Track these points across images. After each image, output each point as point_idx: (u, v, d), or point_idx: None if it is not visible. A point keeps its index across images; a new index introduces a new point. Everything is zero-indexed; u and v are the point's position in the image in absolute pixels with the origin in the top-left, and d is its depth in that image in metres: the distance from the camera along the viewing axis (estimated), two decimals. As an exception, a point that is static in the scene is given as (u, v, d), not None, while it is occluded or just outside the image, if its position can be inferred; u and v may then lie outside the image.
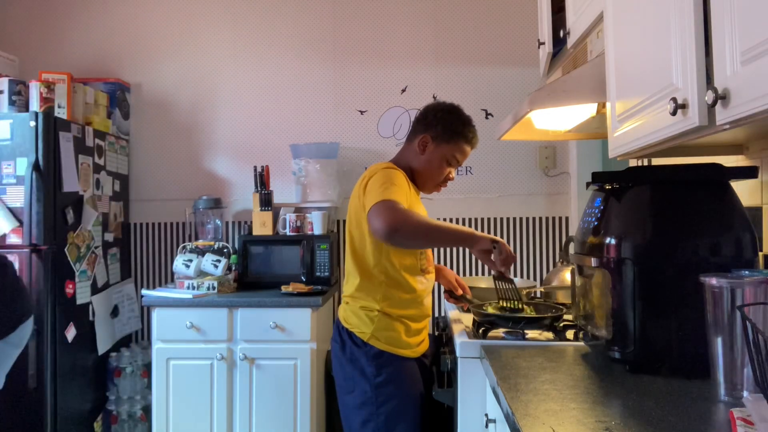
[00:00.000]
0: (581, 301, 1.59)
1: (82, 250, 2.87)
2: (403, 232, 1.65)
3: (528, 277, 3.27)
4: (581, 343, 1.64)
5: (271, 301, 2.76)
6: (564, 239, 3.20)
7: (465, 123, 1.95)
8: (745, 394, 1.09)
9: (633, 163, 2.10)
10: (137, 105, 3.44)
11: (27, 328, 1.93)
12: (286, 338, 2.74)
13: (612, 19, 1.49)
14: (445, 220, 3.32)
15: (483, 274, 3.29)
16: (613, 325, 1.39)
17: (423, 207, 1.99)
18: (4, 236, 2.63)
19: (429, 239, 1.79)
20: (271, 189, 3.16)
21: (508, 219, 3.30)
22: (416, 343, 1.92)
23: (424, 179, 1.97)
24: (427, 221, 1.74)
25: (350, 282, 1.92)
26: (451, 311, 2.24)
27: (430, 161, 1.94)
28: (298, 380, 2.74)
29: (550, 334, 1.78)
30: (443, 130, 1.92)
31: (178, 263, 2.97)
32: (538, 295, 2.39)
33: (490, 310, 1.92)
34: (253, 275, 3.06)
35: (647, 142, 1.28)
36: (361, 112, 3.36)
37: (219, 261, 2.98)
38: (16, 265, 2.61)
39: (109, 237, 3.14)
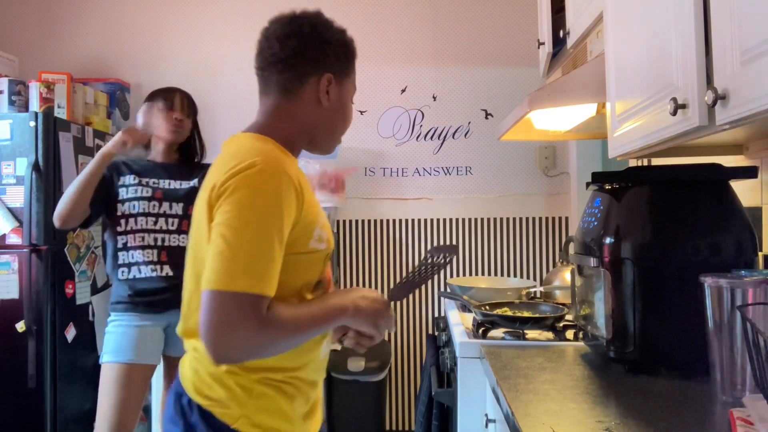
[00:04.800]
0: (581, 301, 1.59)
1: (82, 250, 2.87)
2: (243, 360, 1.04)
3: (528, 277, 3.27)
4: (581, 343, 1.64)
5: (271, 301, 2.75)
6: (564, 239, 3.20)
7: (344, 34, 1.26)
8: (746, 394, 1.09)
9: (633, 163, 2.10)
10: (137, 105, 3.42)
11: None
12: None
13: (612, 19, 1.49)
14: (444, 220, 3.32)
15: (483, 274, 3.29)
16: (613, 325, 1.39)
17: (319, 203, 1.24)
18: (4, 236, 2.63)
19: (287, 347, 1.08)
20: (271, 189, 3.15)
21: (508, 219, 3.30)
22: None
23: (333, 134, 1.26)
24: (293, 335, 1.04)
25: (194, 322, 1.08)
26: (451, 311, 2.24)
27: (339, 107, 1.23)
28: (298, 380, 2.73)
29: (550, 335, 1.78)
30: (334, 57, 1.21)
31: (178, 263, 2.97)
32: (538, 295, 2.39)
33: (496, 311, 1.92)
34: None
35: (647, 143, 1.28)
36: (361, 112, 3.36)
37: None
38: (16, 266, 2.61)
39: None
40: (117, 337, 2.13)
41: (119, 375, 2.09)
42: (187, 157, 2.32)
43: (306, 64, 1.18)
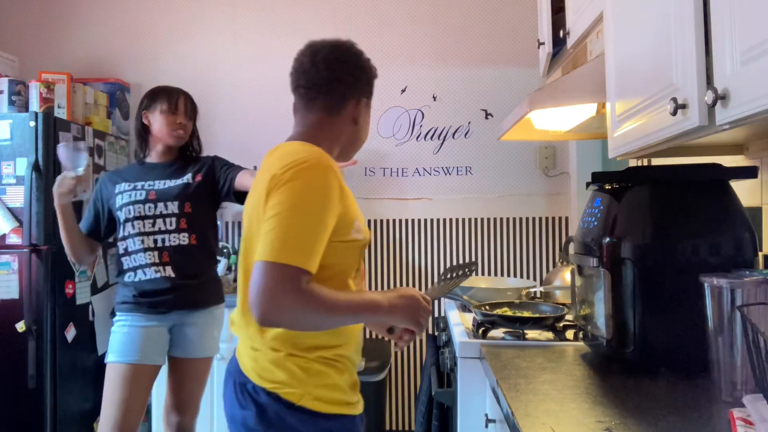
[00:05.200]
0: (581, 301, 1.59)
1: (82, 250, 2.86)
2: (282, 324, 1.16)
3: (528, 277, 3.27)
4: (581, 343, 1.64)
5: (271, 301, 2.75)
6: (564, 239, 3.20)
7: (370, 62, 1.45)
8: (746, 394, 1.09)
9: (633, 163, 2.10)
10: (137, 105, 3.43)
11: None
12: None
13: (612, 19, 1.49)
14: (444, 220, 3.32)
15: (483, 273, 3.29)
16: (613, 325, 1.39)
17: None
18: (4, 236, 2.63)
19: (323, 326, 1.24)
20: (271, 189, 3.15)
21: (507, 219, 3.30)
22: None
23: (355, 148, 1.46)
24: (327, 312, 1.16)
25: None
26: (451, 311, 2.24)
27: (364, 126, 1.45)
28: (298, 380, 2.73)
29: (550, 335, 1.78)
30: (365, 83, 1.42)
31: (178, 263, 2.97)
32: (538, 295, 2.39)
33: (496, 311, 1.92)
34: (253, 275, 3.05)
35: (647, 142, 1.28)
36: (361, 112, 3.35)
37: (219, 261, 2.97)
38: (16, 266, 2.61)
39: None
40: (122, 337, 2.14)
41: (124, 375, 2.09)
42: (185, 156, 2.31)
43: (348, 88, 1.38)
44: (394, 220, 3.35)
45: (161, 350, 2.20)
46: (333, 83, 1.36)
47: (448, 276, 1.56)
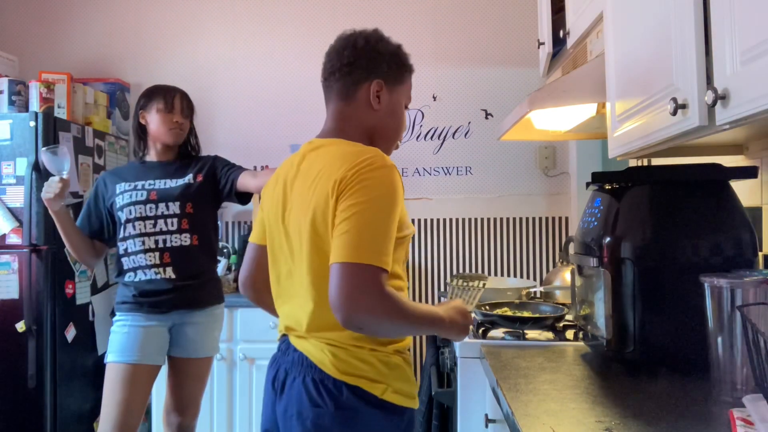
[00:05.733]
0: (581, 301, 1.59)
1: (82, 250, 2.86)
2: (364, 324, 1.14)
3: (528, 277, 3.27)
4: (581, 343, 1.64)
5: (271, 301, 2.75)
6: (564, 239, 3.20)
7: (399, 48, 1.42)
8: (746, 394, 1.09)
9: (633, 163, 2.10)
10: (137, 105, 3.43)
11: None
12: (286, 338, 2.73)
13: (612, 20, 1.49)
14: (444, 220, 3.32)
15: (483, 273, 3.29)
16: (613, 325, 1.39)
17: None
18: (4, 236, 2.63)
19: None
20: (271, 189, 3.15)
21: (508, 219, 3.30)
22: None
23: (388, 139, 1.41)
24: (405, 320, 1.17)
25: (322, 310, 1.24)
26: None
27: (392, 113, 1.39)
28: (298, 380, 2.73)
29: (550, 335, 1.78)
30: (389, 67, 1.38)
31: (178, 263, 2.97)
32: (538, 295, 2.39)
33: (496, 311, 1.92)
34: (253, 275, 3.05)
35: (647, 143, 1.28)
36: (361, 112, 3.35)
37: (219, 261, 2.97)
38: (16, 266, 2.61)
39: (109, 237, 3.14)
40: (122, 337, 2.14)
41: (124, 375, 2.09)
42: (184, 155, 2.31)
43: (359, 71, 1.35)
44: (394, 220, 3.34)
45: (161, 350, 2.19)
46: (344, 68, 1.35)
47: (461, 284, 1.59)
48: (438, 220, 3.33)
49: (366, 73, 1.35)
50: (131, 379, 2.09)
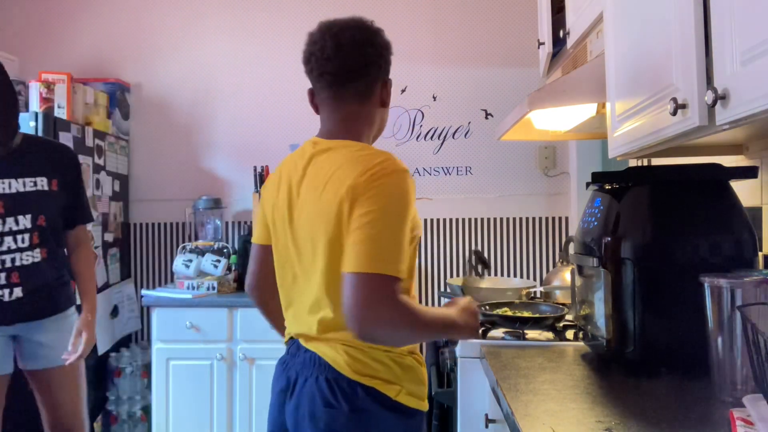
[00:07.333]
0: (581, 301, 1.59)
1: (82, 250, 2.86)
2: (378, 335, 1.14)
3: (528, 277, 3.27)
4: (581, 343, 1.64)
5: (271, 301, 2.75)
6: (564, 239, 3.20)
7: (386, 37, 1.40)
8: (746, 394, 1.09)
9: (633, 163, 2.10)
10: (137, 105, 3.44)
11: None
12: (286, 338, 2.73)
13: (612, 19, 1.49)
14: (444, 220, 3.32)
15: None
16: (613, 325, 1.39)
17: None
18: None
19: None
20: (271, 189, 3.15)
21: (507, 219, 3.30)
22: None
23: (380, 132, 1.42)
24: (421, 329, 1.18)
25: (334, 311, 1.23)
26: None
27: (387, 108, 1.40)
28: (298, 380, 2.73)
29: (550, 335, 1.78)
30: (389, 63, 1.37)
31: (178, 263, 2.97)
32: (538, 295, 2.39)
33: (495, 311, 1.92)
34: (253, 275, 3.05)
35: (647, 143, 1.28)
36: (361, 112, 3.35)
37: (219, 261, 2.98)
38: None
39: (109, 237, 3.14)
40: None
41: None
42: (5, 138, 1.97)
43: (378, 71, 1.32)
44: (394, 220, 3.34)
45: (5, 359, 2.03)
46: (363, 69, 1.29)
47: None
48: (438, 220, 3.33)
49: (381, 73, 1.33)
50: None
